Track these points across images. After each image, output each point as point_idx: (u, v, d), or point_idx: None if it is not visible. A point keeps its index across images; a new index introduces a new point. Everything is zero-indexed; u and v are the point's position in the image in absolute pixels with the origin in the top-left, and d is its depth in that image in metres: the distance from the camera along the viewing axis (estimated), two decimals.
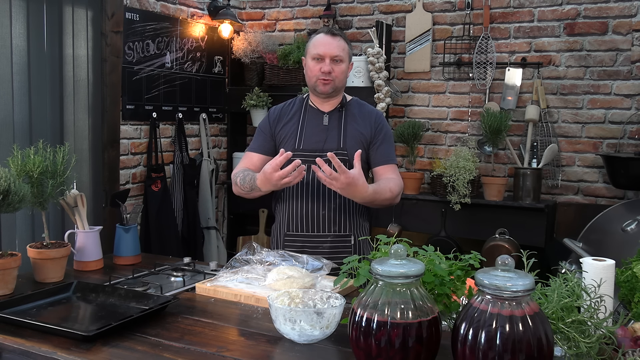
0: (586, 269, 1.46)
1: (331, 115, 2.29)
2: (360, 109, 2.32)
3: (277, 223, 2.33)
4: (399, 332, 1.15)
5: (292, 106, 2.36)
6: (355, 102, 2.35)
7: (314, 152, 2.18)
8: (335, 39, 2.23)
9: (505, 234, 3.40)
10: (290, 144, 2.25)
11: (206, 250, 4.03)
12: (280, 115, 2.34)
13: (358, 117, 2.29)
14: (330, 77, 2.21)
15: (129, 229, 2.22)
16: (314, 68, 2.23)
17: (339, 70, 2.23)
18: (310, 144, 2.24)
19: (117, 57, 3.35)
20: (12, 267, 1.79)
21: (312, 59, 2.24)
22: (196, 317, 1.62)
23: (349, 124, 2.27)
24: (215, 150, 4.26)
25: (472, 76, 3.74)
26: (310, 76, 2.26)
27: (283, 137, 2.29)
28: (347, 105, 2.32)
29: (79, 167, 3.17)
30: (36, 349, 1.40)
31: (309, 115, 2.31)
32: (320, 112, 2.30)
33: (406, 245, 1.29)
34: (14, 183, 1.75)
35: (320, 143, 2.23)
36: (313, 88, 2.28)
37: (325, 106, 2.30)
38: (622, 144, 3.44)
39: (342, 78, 2.25)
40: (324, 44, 2.22)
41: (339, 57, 2.22)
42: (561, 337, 1.18)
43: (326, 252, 2.15)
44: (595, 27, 3.46)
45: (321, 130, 2.26)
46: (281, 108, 2.38)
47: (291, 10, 4.33)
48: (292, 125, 2.29)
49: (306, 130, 2.27)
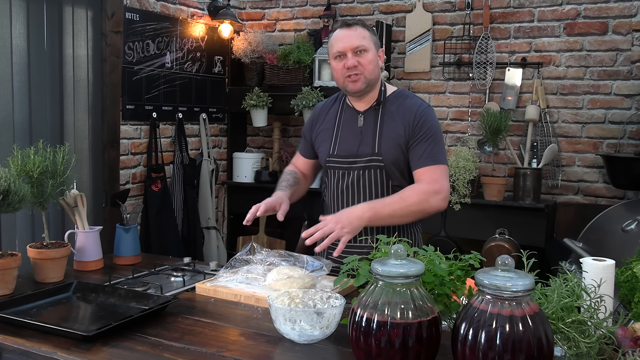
0: (586, 269, 1.46)
1: (366, 115, 2.06)
2: (400, 105, 2.05)
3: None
4: (399, 332, 1.15)
5: (332, 104, 2.18)
6: (396, 96, 2.08)
7: (348, 157, 2.04)
8: (353, 29, 1.99)
9: (505, 234, 3.40)
10: (325, 149, 2.11)
11: (206, 250, 4.03)
12: (318, 117, 2.19)
13: (396, 114, 2.03)
14: (357, 71, 1.96)
15: (129, 229, 2.22)
16: (338, 67, 2.00)
17: (365, 61, 1.97)
18: (344, 149, 2.06)
19: (117, 57, 3.35)
20: (12, 267, 1.79)
21: (334, 59, 2.02)
22: (196, 317, 1.62)
23: (385, 124, 2.02)
24: (215, 150, 4.26)
25: (472, 76, 3.74)
26: (338, 77, 2.03)
27: (320, 141, 2.14)
28: (385, 101, 2.06)
29: (79, 167, 3.17)
30: (36, 349, 1.40)
31: (345, 116, 2.11)
32: (355, 111, 2.08)
33: (406, 245, 1.29)
34: (14, 183, 1.75)
35: (354, 148, 2.04)
36: (344, 89, 2.05)
37: (360, 104, 2.07)
38: (622, 144, 3.44)
39: (372, 69, 1.98)
40: (341, 38, 1.99)
41: (362, 46, 1.96)
42: (561, 337, 1.18)
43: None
44: (595, 27, 3.46)
45: (356, 134, 2.06)
46: (321, 107, 2.21)
47: (291, 10, 4.33)
48: (329, 129, 2.12)
49: (341, 133, 2.09)
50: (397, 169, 2.03)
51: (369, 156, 2.02)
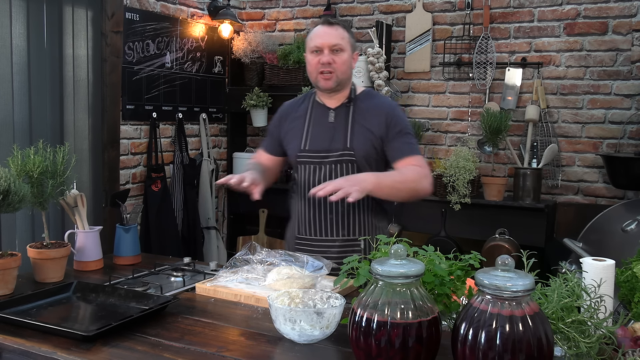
0: (586, 269, 1.46)
1: (338, 112, 2.13)
2: (370, 103, 2.14)
3: (290, 225, 2.27)
4: (399, 332, 1.15)
5: (301, 103, 2.23)
6: (366, 95, 2.18)
7: (320, 152, 2.09)
8: (333, 28, 2.08)
9: (505, 234, 3.40)
10: (296, 145, 2.15)
11: (206, 250, 4.03)
12: (288, 113, 2.23)
13: (367, 112, 2.11)
14: (330, 69, 2.05)
15: (129, 229, 2.22)
16: (313, 61, 2.08)
17: (340, 61, 2.06)
18: (316, 144, 2.11)
19: (117, 57, 3.35)
20: (12, 267, 1.79)
21: (310, 53, 2.10)
22: (196, 317, 1.62)
23: (357, 122, 2.10)
24: (215, 150, 4.26)
25: (472, 76, 3.74)
26: (311, 71, 2.11)
27: (290, 137, 2.18)
28: (355, 99, 2.15)
29: (79, 167, 3.17)
30: (36, 349, 1.40)
31: (315, 113, 2.17)
32: (326, 108, 2.15)
33: (406, 245, 1.29)
34: (14, 183, 1.75)
35: (326, 143, 2.10)
36: (315, 84, 2.14)
37: (331, 101, 2.15)
38: (622, 144, 3.44)
39: (345, 69, 2.08)
40: (321, 34, 2.08)
41: (339, 45, 2.06)
42: (561, 337, 1.18)
43: (335, 257, 2.01)
44: (595, 27, 3.46)
45: (327, 129, 2.12)
46: (289, 105, 2.27)
47: (291, 10, 4.33)
48: (299, 124, 2.17)
49: (312, 129, 2.14)
50: (368, 163, 2.10)
51: (341, 151, 2.08)
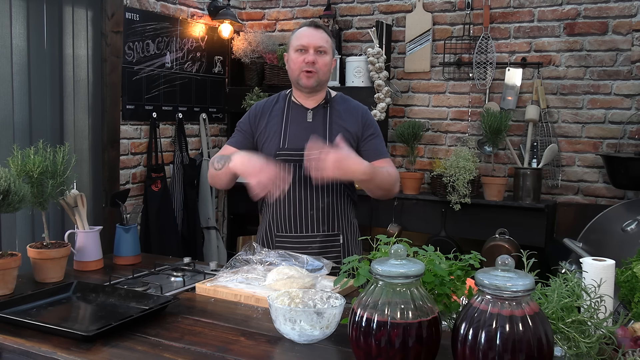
0: (586, 269, 1.46)
1: (315, 112, 2.22)
2: (345, 105, 2.26)
3: (264, 224, 2.28)
4: (399, 332, 1.15)
5: (276, 102, 2.28)
6: (340, 98, 2.29)
7: (299, 150, 2.11)
8: (319, 31, 2.18)
9: (505, 234, 3.40)
10: (275, 143, 2.18)
11: (206, 250, 4.03)
12: (263, 112, 2.26)
13: (343, 113, 2.23)
14: (314, 69, 2.14)
15: (129, 229, 2.22)
16: (297, 60, 2.17)
17: (322, 62, 2.16)
18: (294, 142, 2.16)
19: (117, 57, 3.35)
20: (12, 267, 1.79)
21: (295, 51, 2.18)
22: (196, 317, 1.62)
23: (334, 122, 2.20)
24: (215, 150, 4.25)
25: (472, 76, 3.74)
26: (294, 69, 2.18)
27: (266, 135, 2.21)
28: (331, 101, 2.25)
29: (79, 167, 3.17)
30: (36, 349, 1.40)
31: (292, 112, 2.23)
32: (303, 108, 2.23)
33: (406, 245, 1.29)
34: (14, 183, 1.75)
35: (305, 141, 2.09)
36: (296, 82, 2.20)
37: (309, 102, 2.23)
38: (622, 144, 3.44)
39: (326, 71, 2.19)
40: (307, 35, 2.17)
41: (323, 48, 2.16)
42: (561, 337, 1.18)
43: (315, 252, 2.10)
44: (595, 27, 3.46)
45: (305, 128, 2.19)
46: (263, 104, 2.30)
47: (291, 10, 4.33)
48: (276, 123, 2.22)
49: (290, 128, 2.20)
50: None
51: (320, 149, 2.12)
